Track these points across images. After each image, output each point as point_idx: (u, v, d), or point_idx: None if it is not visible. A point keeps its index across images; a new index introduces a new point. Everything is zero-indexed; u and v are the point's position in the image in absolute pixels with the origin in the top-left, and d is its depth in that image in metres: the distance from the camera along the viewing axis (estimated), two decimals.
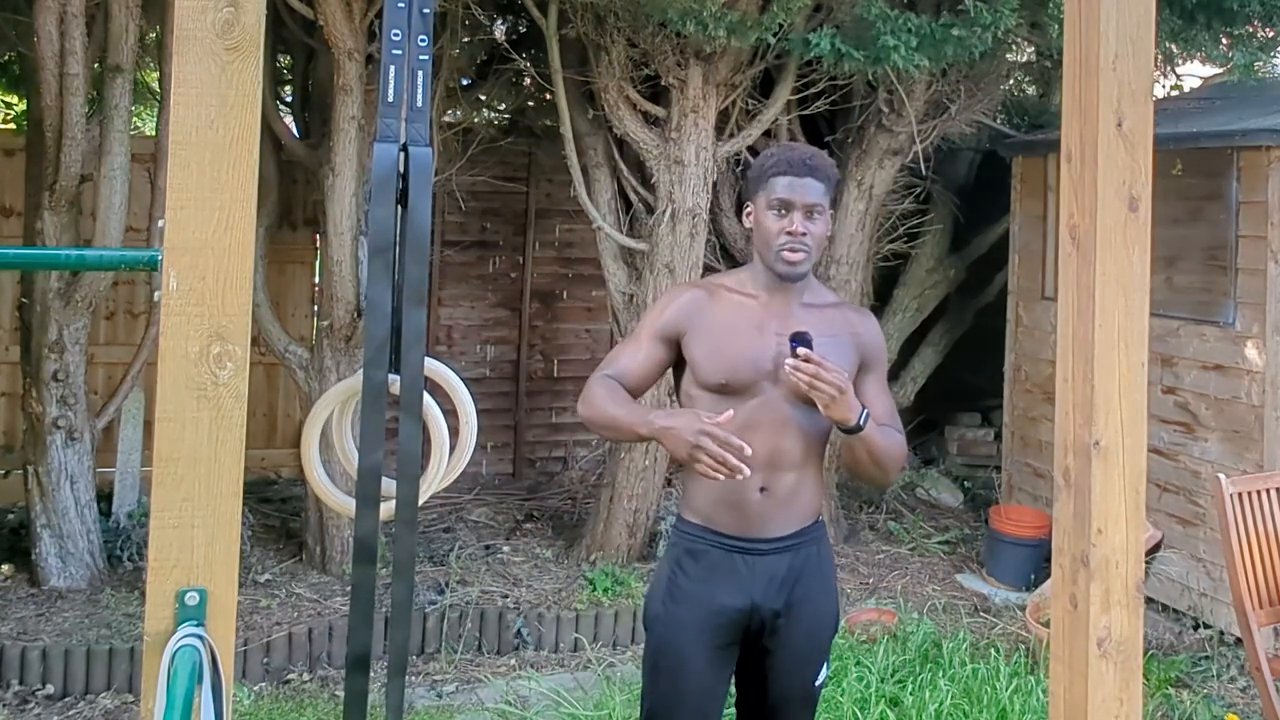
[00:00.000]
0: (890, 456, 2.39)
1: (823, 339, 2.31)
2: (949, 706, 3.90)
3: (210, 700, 1.37)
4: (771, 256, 2.38)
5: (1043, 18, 5.14)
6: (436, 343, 6.73)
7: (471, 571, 5.28)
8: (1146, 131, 1.76)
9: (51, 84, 4.52)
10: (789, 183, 2.37)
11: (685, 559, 2.43)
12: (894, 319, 6.67)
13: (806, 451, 2.40)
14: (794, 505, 2.39)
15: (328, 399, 1.64)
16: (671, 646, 2.41)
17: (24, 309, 5.03)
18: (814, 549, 2.46)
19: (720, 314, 2.41)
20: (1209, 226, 4.96)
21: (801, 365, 2.22)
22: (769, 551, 2.38)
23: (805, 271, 2.39)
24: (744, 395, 2.34)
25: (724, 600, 2.38)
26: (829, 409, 2.26)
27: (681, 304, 2.45)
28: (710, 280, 2.59)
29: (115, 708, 4.10)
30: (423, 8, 1.49)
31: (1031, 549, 5.41)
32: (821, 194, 2.39)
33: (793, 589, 2.40)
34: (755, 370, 2.34)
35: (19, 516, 5.34)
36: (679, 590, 2.42)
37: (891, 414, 2.46)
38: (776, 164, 2.41)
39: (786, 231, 2.35)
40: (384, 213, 1.46)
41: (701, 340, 2.39)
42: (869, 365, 2.45)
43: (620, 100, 5.17)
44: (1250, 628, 3.42)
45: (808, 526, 2.45)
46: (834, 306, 2.51)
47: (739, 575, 2.38)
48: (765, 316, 2.39)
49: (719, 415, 2.20)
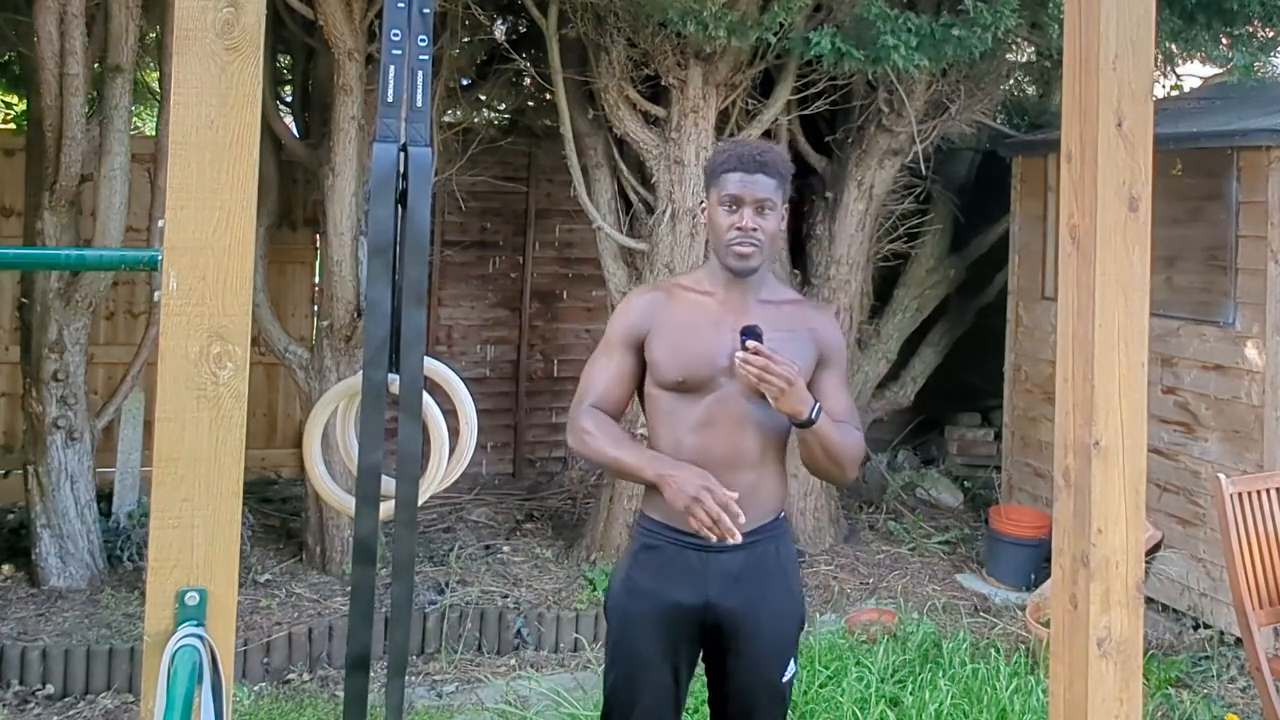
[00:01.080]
0: (846, 452, 2.39)
1: (779, 334, 2.35)
2: (949, 706, 3.90)
3: (210, 700, 1.37)
4: (723, 252, 2.41)
5: (1043, 18, 5.14)
6: (436, 343, 6.73)
7: (471, 571, 5.28)
8: (1146, 131, 1.76)
9: (51, 84, 4.52)
10: (739, 179, 2.39)
11: (642, 554, 2.46)
12: (894, 319, 6.67)
13: (765, 447, 2.41)
14: (752, 502, 2.36)
15: (330, 397, 1.64)
16: (627, 639, 2.44)
17: (24, 309, 5.03)
18: (773, 546, 2.46)
19: (678, 313, 2.44)
20: (1209, 226, 4.96)
21: (750, 358, 2.25)
22: (724, 549, 2.36)
23: (756, 266, 2.42)
24: (702, 391, 2.38)
25: (677, 597, 2.40)
26: (779, 401, 2.29)
27: (641, 307, 2.49)
28: (667, 282, 2.64)
29: (115, 708, 4.10)
30: (423, 8, 1.49)
31: (1031, 549, 5.41)
32: (773, 189, 2.41)
33: (751, 587, 2.40)
34: (712, 367, 2.37)
35: (19, 516, 5.34)
36: (635, 585, 2.45)
37: (850, 411, 2.47)
38: (727, 161, 2.44)
39: (736, 227, 2.38)
40: (384, 213, 1.46)
41: (662, 340, 2.42)
42: (827, 362, 2.46)
43: (620, 100, 5.17)
44: (1250, 628, 3.41)
45: (767, 524, 2.44)
46: (792, 303, 2.53)
47: (693, 572, 2.39)
48: (722, 313, 2.41)
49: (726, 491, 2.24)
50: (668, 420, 2.42)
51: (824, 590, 5.33)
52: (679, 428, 2.39)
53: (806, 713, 3.89)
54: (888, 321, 6.65)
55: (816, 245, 5.95)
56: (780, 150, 2.58)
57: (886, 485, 6.70)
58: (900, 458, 7.17)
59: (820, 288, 5.86)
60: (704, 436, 2.36)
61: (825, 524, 5.90)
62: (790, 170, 2.52)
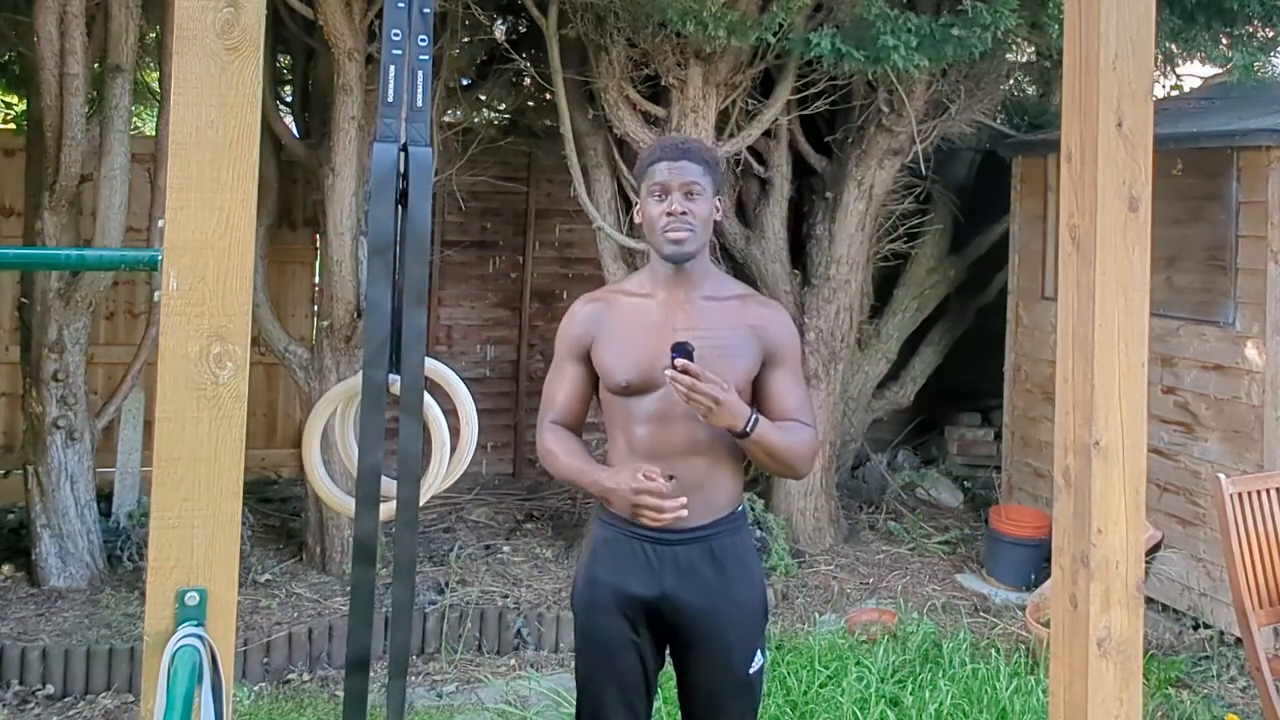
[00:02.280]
0: (792, 453, 2.39)
1: (719, 331, 2.38)
2: (949, 706, 3.90)
3: (210, 700, 1.37)
4: (659, 241, 2.42)
5: (1043, 18, 5.14)
6: (436, 343, 6.73)
7: (471, 571, 5.28)
8: (1146, 131, 1.76)
9: (51, 84, 4.52)
10: (665, 167, 2.43)
11: (601, 548, 2.50)
12: (894, 319, 6.67)
13: (715, 441, 2.40)
14: (705, 495, 2.39)
15: (330, 398, 1.64)
16: (591, 630, 2.48)
17: (24, 309, 5.03)
18: (730, 540, 2.46)
19: (620, 319, 2.47)
20: (1209, 226, 4.96)
21: (679, 376, 2.24)
22: (678, 542, 2.40)
23: (693, 251, 2.42)
24: (648, 390, 2.40)
25: (634, 589, 2.42)
26: (708, 418, 2.29)
27: (581, 320, 2.51)
28: (608, 289, 2.65)
29: (115, 708, 4.10)
30: (423, 8, 1.49)
31: (1031, 549, 5.41)
32: (699, 174, 2.42)
33: (708, 580, 2.41)
34: (654, 367, 2.37)
35: (19, 516, 5.34)
36: (595, 577, 2.48)
37: (801, 407, 2.46)
38: (652, 153, 2.48)
39: (666, 213, 2.40)
40: (384, 213, 1.46)
41: (607, 348, 2.45)
42: (777, 358, 2.45)
43: (620, 100, 5.17)
44: (1250, 628, 3.41)
45: (723, 517, 2.45)
46: (738, 298, 2.51)
47: (649, 565, 2.42)
48: (664, 315, 2.43)
49: (650, 469, 2.29)
50: (621, 420, 2.45)
51: (824, 590, 5.33)
52: (630, 426, 2.42)
53: (806, 713, 3.89)
54: (888, 321, 6.65)
55: (816, 245, 5.95)
56: (704, 141, 2.62)
57: (886, 485, 6.70)
58: (900, 458, 7.16)
59: (820, 288, 5.86)
60: (656, 433, 2.39)
61: (825, 524, 5.91)
62: (716, 160, 2.54)
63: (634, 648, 2.45)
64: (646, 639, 2.46)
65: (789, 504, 5.83)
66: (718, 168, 2.53)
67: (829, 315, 5.85)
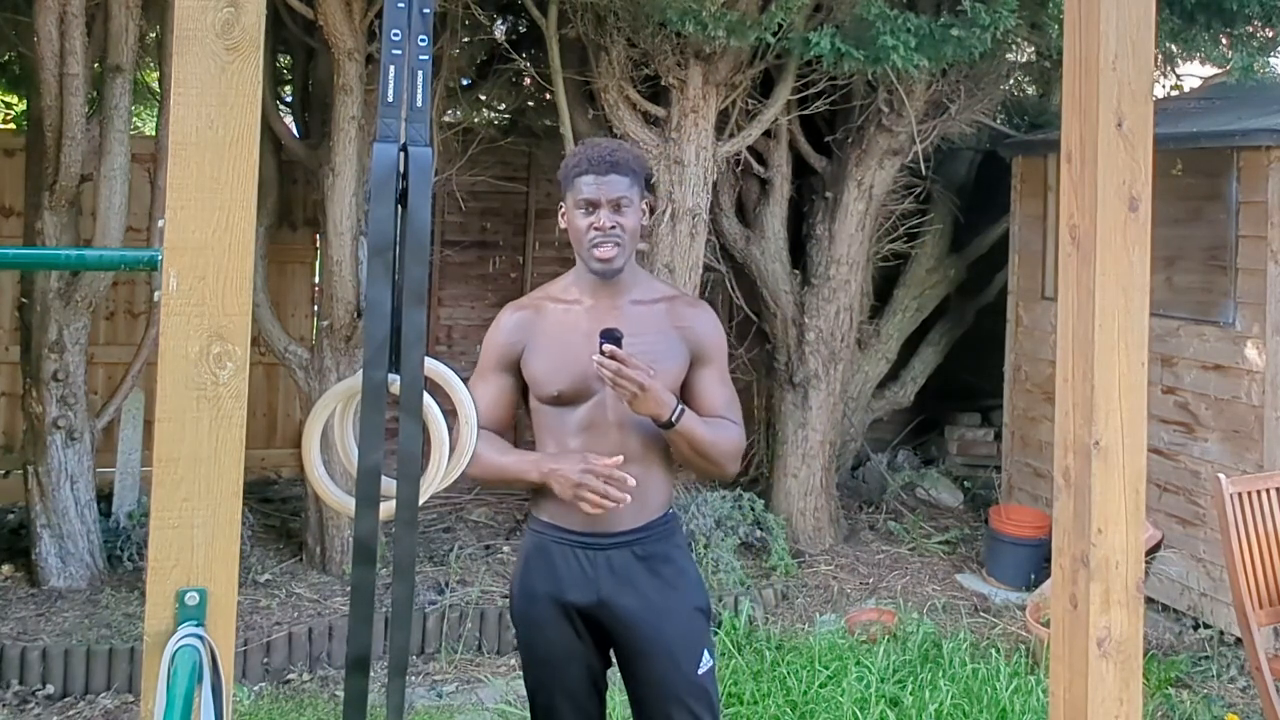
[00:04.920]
0: (718, 448, 2.40)
1: (648, 336, 2.38)
2: (949, 706, 3.90)
3: (210, 700, 1.37)
4: (586, 255, 2.42)
5: (1042, 18, 5.14)
6: (436, 343, 6.73)
7: (471, 571, 5.28)
8: (1146, 131, 1.76)
9: (51, 84, 4.52)
10: (592, 180, 2.40)
11: (533, 556, 2.47)
12: (894, 319, 6.67)
13: (648, 448, 2.42)
14: (639, 500, 2.38)
15: (329, 398, 1.64)
16: (531, 644, 2.46)
17: (24, 309, 5.03)
18: (663, 543, 2.47)
19: (548, 328, 2.45)
20: (1209, 226, 4.96)
21: (605, 361, 2.26)
22: (611, 546, 2.41)
23: (620, 266, 2.42)
24: (580, 400, 2.40)
25: (570, 596, 2.41)
26: (634, 405, 2.30)
27: (509, 329, 2.49)
28: (535, 295, 2.61)
29: (115, 708, 4.10)
30: (423, 8, 1.49)
31: (1031, 549, 5.40)
32: (626, 187, 2.41)
33: (643, 583, 2.42)
34: (586, 376, 2.37)
35: (19, 516, 5.34)
36: (530, 589, 2.46)
37: (729, 405, 2.47)
38: (578, 164, 2.44)
39: (594, 228, 2.39)
40: (384, 213, 1.45)
41: (537, 358, 2.44)
42: (703, 358, 2.46)
43: (620, 100, 5.17)
44: (1250, 628, 3.41)
45: (655, 520, 2.46)
46: (665, 300, 2.52)
47: (583, 571, 2.41)
48: (591, 322, 2.41)
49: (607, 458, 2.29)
50: (551, 429, 2.45)
51: (824, 590, 5.33)
52: (562, 434, 2.42)
53: (806, 713, 3.89)
54: (888, 321, 6.65)
55: (816, 245, 5.95)
56: (631, 148, 2.59)
57: (886, 485, 6.70)
58: (900, 458, 7.16)
59: (820, 288, 5.87)
60: (587, 441, 2.39)
61: (825, 524, 5.90)
62: (645, 168, 2.53)
63: (578, 655, 2.44)
64: (589, 644, 2.46)
65: (789, 504, 5.83)
66: (646, 174, 2.52)
67: (829, 315, 5.85)
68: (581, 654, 2.45)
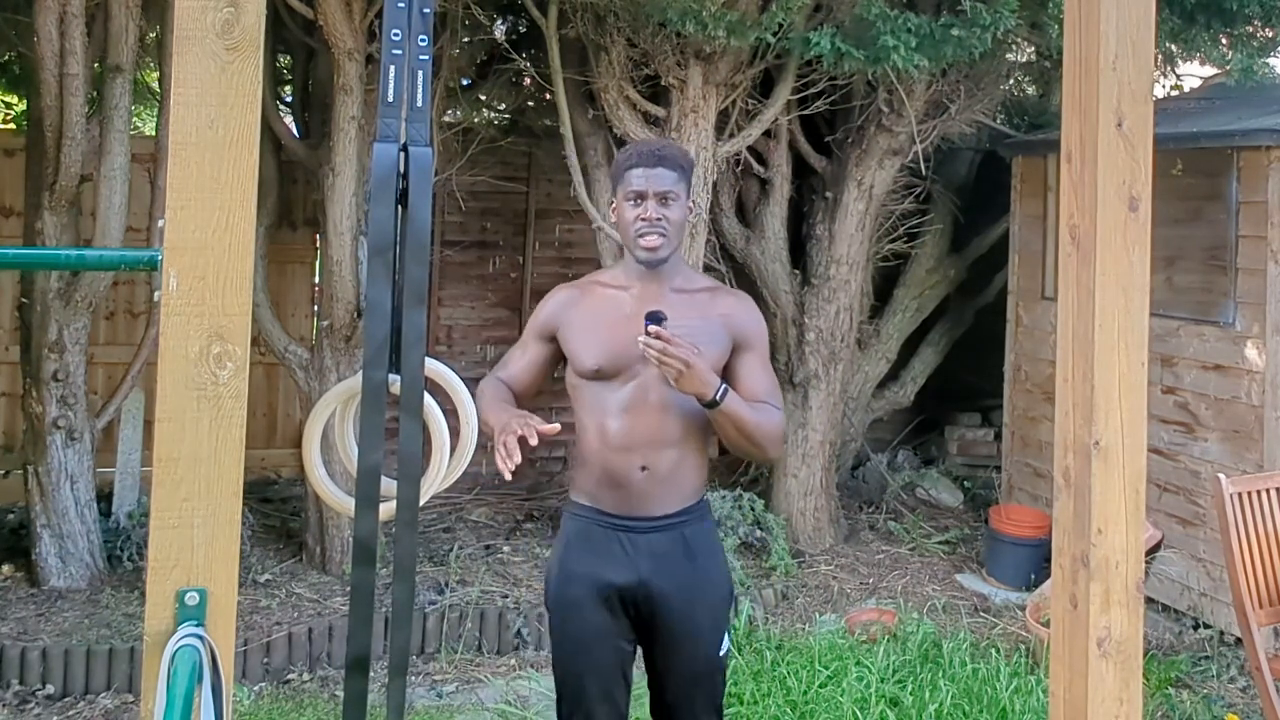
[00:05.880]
0: (762, 430, 2.46)
1: (690, 322, 2.46)
2: (949, 706, 3.90)
3: (210, 700, 1.37)
4: (633, 244, 2.53)
5: (1043, 18, 5.14)
6: (436, 343, 6.73)
7: (471, 571, 5.28)
8: (1146, 131, 1.76)
9: (51, 84, 4.52)
10: (641, 173, 2.52)
11: (574, 540, 2.56)
12: (894, 319, 6.67)
13: (685, 432, 2.50)
14: (675, 484, 2.50)
15: (329, 398, 1.64)
16: (570, 626, 2.53)
17: (24, 309, 5.02)
18: (698, 526, 2.56)
19: (592, 307, 2.58)
20: (1209, 226, 4.96)
21: (650, 341, 2.33)
22: (651, 529, 2.50)
23: (666, 255, 2.52)
24: (621, 380, 2.49)
25: (611, 577, 2.49)
26: (679, 383, 2.37)
27: (555, 304, 2.63)
28: (585, 279, 2.75)
29: (115, 708, 4.10)
30: (423, 8, 1.49)
31: (1031, 549, 5.40)
32: (674, 181, 2.52)
33: (681, 566, 2.51)
34: (627, 356, 2.45)
35: (19, 516, 5.34)
36: (570, 571, 2.54)
37: (771, 391, 2.55)
38: (629, 158, 2.57)
39: (641, 218, 2.50)
40: (384, 213, 1.45)
41: (575, 333, 2.55)
42: (745, 344, 2.55)
43: (620, 100, 5.17)
44: (1250, 628, 3.41)
45: (691, 505, 2.55)
46: (707, 290, 2.62)
47: (625, 553, 2.50)
48: (637, 306, 2.51)
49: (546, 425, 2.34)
50: (592, 408, 2.53)
51: (824, 590, 5.33)
52: (603, 414, 2.50)
53: (806, 713, 3.89)
54: (888, 321, 6.65)
55: (816, 245, 5.95)
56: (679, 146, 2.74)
57: (886, 485, 6.70)
58: (900, 458, 7.16)
59: (820, 288, 5.86)
60: (627, 422, 2.47)
61: (825, 524, 5.90)
62: (691, 164, 2.65)
63: (611, 638, 2.51)
64: (623, 627, 2.53)
65: (789, 504, 5.83)
66: (692, 171, 2.64)
67: (829, 315, 5.85)
68: (615, 636, 2.52)
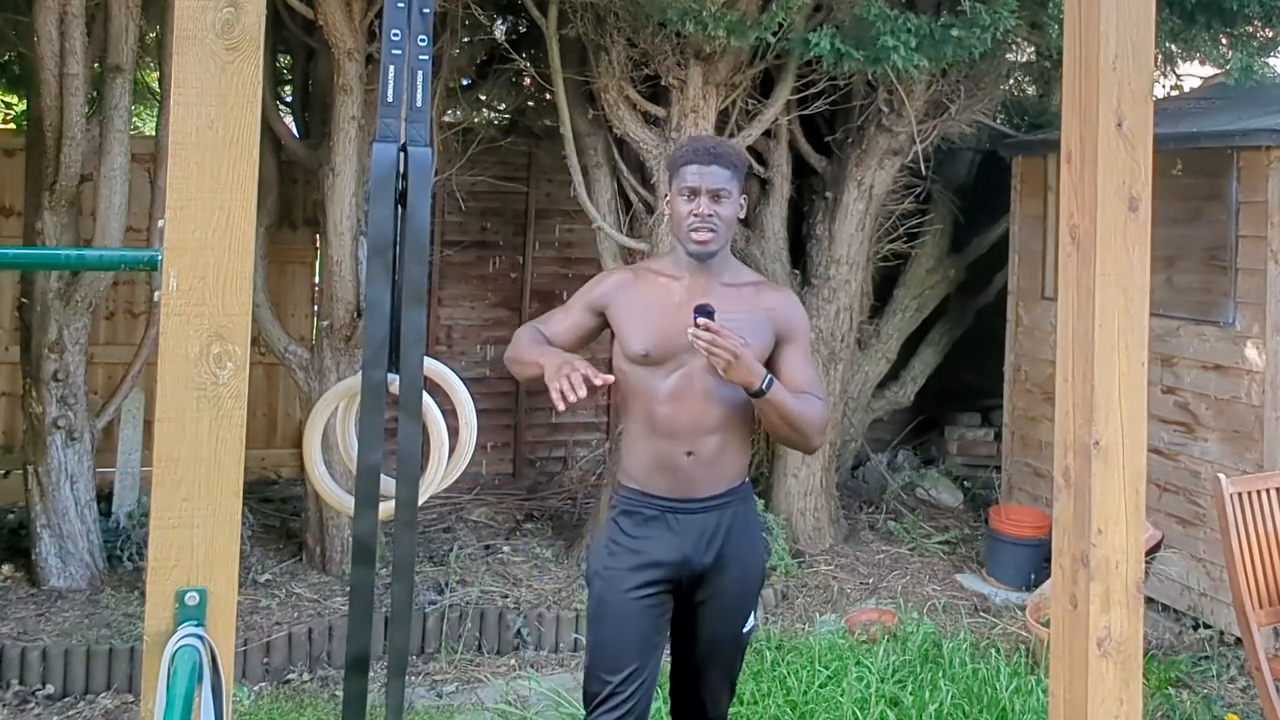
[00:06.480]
0: (804, 419, 2.56)
1: (736, 315, 2.53)
2: (949, 706, 3.90)
3: (210, 700, 1.37)
4: (684, 238, 2.61)
5: (1042, 18, 5.14)
6: (436, 343, 6.73)
7: (471, 571, 5.28)
8: (1146, 131, 1.76)
9: (51, 84, 4.52)
10: (696, 170, 2.60)
11: (623, 519, 2.66)
12: (894, 319, 6.66)
13: (729, 419, 2.60)
14: (719, 468, 2.61)
15: (330, 397, 1.64)
16: (612, 597, 2.62)
17: (24, 309, 5.02)
18: (740, 508, 2.68)
19: (643, 292, 2.67)
20: (1209, 226, 4.96)
21: (700, 332, 2.42)
22: (697, 510, 2.61)
23: (715, 250, 2.61)
24: (668, 367, 2.58)
25: (658, 555, 2.60)
26: (727, 372, 2.46)
27: (609, 283, 2.75)
28: (639, 265, 2.91)
29: (115, 708, 4.10)
30: (423, 8, 1.49)
31: (1031, 549, 5.40)
32: (727, 179, 2.61)
33: (722, 544, 2.62)
34: (675, 343, 2.54)
35: (19, 516, 5.34)
36: (618, 547, 2.64)
37: (813, 383, 2.65)
38: (684, 155, 2.66)
39: (694, 214, 2.58)
40: (384, 213, 1.46)
41: (625, 315, 2.65)
42: (788, 338, 2.65)
43: (620, 100, 5.17)
44: (1250, 628, 3.41)
45: (734, 488, 2.66)
46: (752, 285, 2.72)
47: (671, 532, 2.60)
48: (685, 295, 2.59)
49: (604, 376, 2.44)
50: (638, 393, 2.61)
51: (824, 590, 5.33)
52: (649, 399, 2.59)
53: (806, 713, 3.89)
54: (888, 321, 6.65)
55: (816, 245, 5.95)
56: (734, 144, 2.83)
57: (886, 485, 6.70)
58: (900, 458, 7.16)
59: (820, 288, 5.86)
60: (672, 408, 2.57)
61: (825, 524, 5.90)
62: (744, 162, 2.76)
63: (648, 613, 2.60)
64: (661, 604, 2.62)
65: (789, 504, 5.83)
66: (745, 169, 2.72)
67: (829, 315, 5.85)
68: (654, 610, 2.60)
